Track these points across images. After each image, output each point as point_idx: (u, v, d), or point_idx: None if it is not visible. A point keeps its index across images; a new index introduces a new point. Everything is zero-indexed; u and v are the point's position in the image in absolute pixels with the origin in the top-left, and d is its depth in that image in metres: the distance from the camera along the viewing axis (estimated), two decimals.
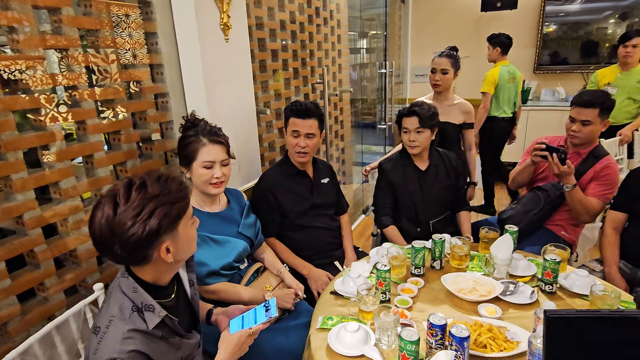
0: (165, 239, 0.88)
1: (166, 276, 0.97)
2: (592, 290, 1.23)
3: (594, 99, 1.79)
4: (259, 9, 2.08)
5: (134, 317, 0.88)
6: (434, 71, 2.30)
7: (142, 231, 0.83)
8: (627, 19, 4.08)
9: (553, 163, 1.74)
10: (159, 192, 0.87)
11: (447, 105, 2.34)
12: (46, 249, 1.24)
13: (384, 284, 1.32)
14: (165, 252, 0.89)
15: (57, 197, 1.29)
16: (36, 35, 1.17)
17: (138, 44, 1.52)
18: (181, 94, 1.67)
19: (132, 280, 0.91)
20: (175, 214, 0.89)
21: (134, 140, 1.51)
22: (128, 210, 0.83)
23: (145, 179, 0.88)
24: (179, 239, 0.91)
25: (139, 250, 0.86)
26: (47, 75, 1.22)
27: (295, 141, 1.71)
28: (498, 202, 4.10)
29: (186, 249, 0.96)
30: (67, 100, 1.33)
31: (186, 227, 0.93)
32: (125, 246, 0.84)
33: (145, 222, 0.83)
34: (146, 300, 0.90)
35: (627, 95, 3.09)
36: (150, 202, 0.85)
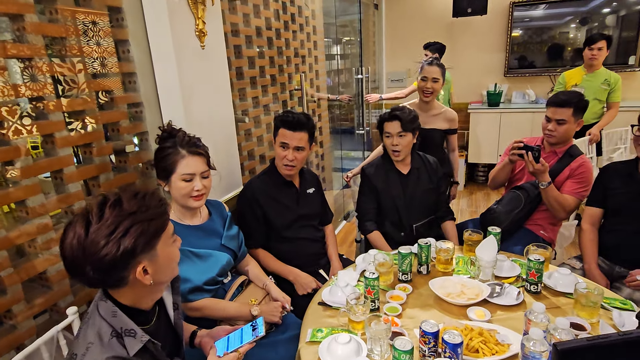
0: (142, 259, 0.83)
1: (146, 300, 0.91)
2: (576, 288, 1.24)
3: (569, 98, 1.85)
4: (234, 15, 2.04)
5: (113, 343, 0.82)
6: (424, 79, 2.32)
7: (116, 250, 0.77)
8: (587, 23, 4.27)
9: (528, 161, 1.78)
10: (136, 209, 0.81)
11: (433, 115, 2.40)
12: (13, 273, 1.15)
13: (372, 292, 1.30)
14: (142, 274, 0.83)
15: (24, 216, 1.20)
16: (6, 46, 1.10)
17: (108, 52, 1.45)
18: (156, 104, 1.61)
19: (110, 304, 0.85)
20: (153, 232, 0.83)
21: (106, 153, 1.44)
22: (101, 229, 0.78)
23: (121, 196, 0.83)
24: (158, 259, 0.86)
25: (114, 271, 0.80)
26: (8, 87, 1.15)
27: (284, 153, 1.66)
28: (477, 203, 4.19)
29: (166, 270, 0.90)
30: (31, 112, 1.25)
31: (166, 247, 0.88)
32: (98, 267, 0.78)
33: (119, 241, 0.78)
34: (126, 325, 0.84)
35: (593, 96, 3.22)
36: (125, 219, 0.79)
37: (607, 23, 4.22)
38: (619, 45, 4.20)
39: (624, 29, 4.17)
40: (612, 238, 1.71)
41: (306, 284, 1.67)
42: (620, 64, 4.18)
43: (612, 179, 1.74)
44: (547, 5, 4.31)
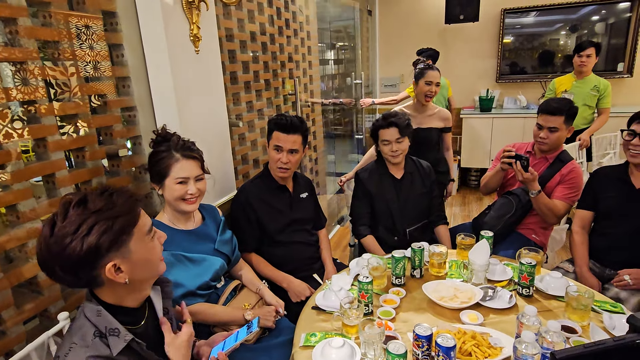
0: (112, 257, 0.81)
1: (129, 299, 0.90)
2: (567, 291, 1.26)
3: (560, 106, 1.87)
4: (228, 20, 2.05)
5: (96, 343, 0.82)
6: (429, 83, 2.41)
7: (79, 249, 0.77)
8: (577, 31, 4.35)
9: (517, 170, 1.81)
10: (101, 206, 0.80)
11: (429, 115, 2.49)
12: (3, 278, 1.14)
13: (366, 296, 1.31)
14: (113, 272, 0.82)
15: (14, 220, 1.19)
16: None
17: (101, 56, 1.45)
18: (150, 108, 1.61)
19: (95, 304, 0.85)
20: (119, 228, 0.81)
21: (99, 157, 1.43)
22: (65, 228, 0.78)
23: (87, 195, 0.82)
24: (132, 256, 0.84)
25: (82, 270, 0.80)
26: (11, 90, 1.14)
27: (278, 156, 1.67)
28: (470, 208, 4.22)
29: (145, 268, 0.88)
30: (22, 115, 1.24)
31: (141, 243, 0.86)
32: (65, 266, 0.78)
33: (82, 239, 0.77)
34: (110, 324, 0.84)
35: (583, 102, 3.27)
36: (89, 217, 0.79)
37: (597, 30, 4.30)
38: (608, 52, 4.27)
39: (612, 36, 4.25)
40: (602, 241, 1.73)
41: (300, 292, 1.66)
42: (609, 71, 4.26)
43: (602, 183, 1.77)
44: (537, 13, 4.38)
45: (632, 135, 1.61)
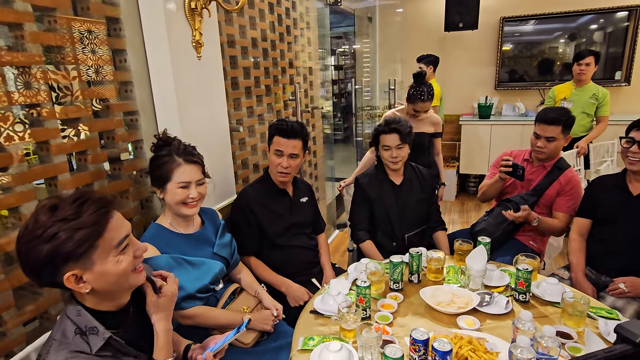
0: (72, 266, 0.82)
1: (105, 305, 0.91)
2: (563, 297, 1.27)
3: (558, 116, 1.89)
4: (230, 27, 2.08)
5: (77, 340, 0.84)
6: (417, 111, 2.54)
7: (39, 253, 0.79)
8: (575, 39, 4.39)
9: (513, 216, 1.88)
10: (66, 216, 0.81)
11: (420, 120, 2.56)
12: (4, 279, 1.15)
13: (364, 301, 1.32)
14: (72, 282, 0.83)
15: (17, 223, 1.21)
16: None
17: (105, 60, 1.47)
18: (152, 112, 1.63)
19: (75, 304, 0.88)
20: (78, 240, 0.80)
21: (101, 160, 1.45)
22: (33, 232, 0.80)
23: (59, 202, 0.83)
24: (95, 268, 0.84)
25: (43, 273, 0.82)
26: (3, 93, 1.16)
27: (278, 161, 1.69)
28: (468, 214, 4.23)
29: (110, 280, 0.87)
30: (26, 119, 1.26)
31: (105, 256, 0.85)
32: (28, 267, 0.82)
33: (41, 246, 0.79)
34: (90, 323, 0.86)
35: (582, 110, 3.30)
36: (53, 225, 0.80)
37: (595, 39, 4.35)
38: (606, 60, 4.31)
39: (610, 45, 4.29)
40: (599, 248, 1.75)
41: (298, 297, 1.67)
42: (607, 79, 4.29)
43: (601, 191, 1.78)
44: (536, 21, 4.43)
45: (631, 143, 1.63)
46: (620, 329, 0.67)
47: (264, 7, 2.38)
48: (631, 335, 0.65)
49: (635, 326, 0.66)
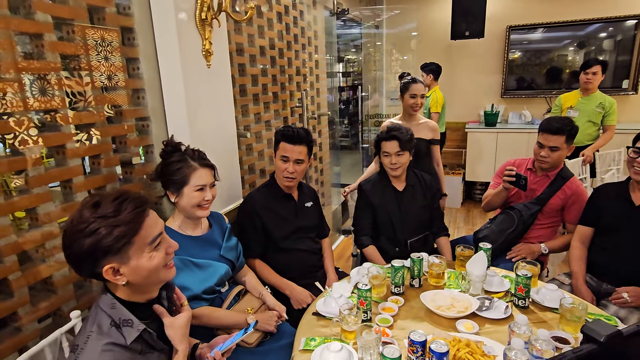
0: (111, 260, 0.88)
1: (137, 297, 0.96)
2: (562, 303, 1.29)
3: (562, 126, 1.91)
4: (239, 36, 2.14)
5: (112, 332, 0.89)
6: (414, 96, 2.48)
7: (80, 247, 0.85)
8: (584, 47, 4.39)
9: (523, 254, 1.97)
10: (107, 213, 0.87)
11: (416, 125, 2.54)
12: (20, 277, 1.21)
13: (365, 303, 1.35)
14: (110, 274, 0.88)
15: (33, 223, 1.26)
16: (19, 61, 1.18)
17: (119, 68, 1.53)
18: (162, 118, 1.69)
19: (110, 297, 0.92)
20: (116, 236, 0.87)
21: (113, 164, 1.51)
22: (76, 226, 0.86)
23: (102, 199, 0.89)
24: (131, 262, 0.90)
25: (83, 265, 0.88)
26: (28, 100, 1.22)
27: (284, 166, 1.74)
28: (474, 221, 4.24)
29: (144, 274, 0.93)
30: (43, 124, 1.32)
31: (140, 252, 0.91)
32: (71, 257, 0.87)
33: (83, 240, 0.85)
34: (124, 316, 0.90)
35: (588, 119, 3.30)
36: (94, 221, 0.86)
37: (605, 47, 4.34)
38: (616, 68, 4.30)
39: (620, 53, 4.28)
40: (601, 256, 1.76)
41: (301, 299, 1.71)
42: (614, 88, 4.29)
43: (604, 200, 1.79)
44: (545, 29, 4.44)
45: (637, 153, 1.64)
46: (586, 329, 0.71)
47: (272, 17, 2.45)
48: (596, 335, 0.69)
49: (600, 326, 0.70)
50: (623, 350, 0.71)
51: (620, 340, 0.69)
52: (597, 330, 0.69)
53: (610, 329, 0.69)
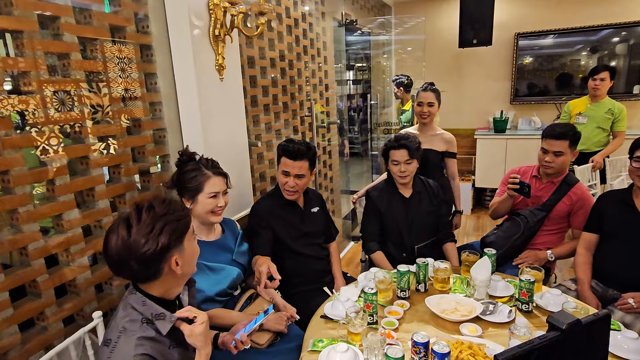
0: (174, 252, 0.98)
1: (174, 290, 1.06)
2: (564, 307, 1.32)
3: (565, 131, 1.94)
4: (250, 49, 2.23)
5: (144, 328, 0.96)
6: (420, 104, 2.47)
7: (155, 246, 0.93)
8: (598, 52, 4.38)
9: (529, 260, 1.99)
10: (166, 211, 0.98)
11: (431, 135, 2.51)
12: (47, 279, 1.29)
13: (371, 307, 1.40)
14: (175, 265, 0.99)
15: (60, 229, 1.35)
16: (49, 78, 1.28)
17: (138, 83, 1.63)
18: (178, 129, 1.78)
19: (140, 295, 1.00)
20: (181, 229, 1.00)
21: (133, 173, 1.60)
22: (141, 229, 0.94)
23: (152, 202, 0.99)
24: (185, 252, 1.02)
25: (153, 263, 0.96)
26: (56, 114, 1.32)
27: (285, 180, 1.79)
28: (484, 227, 4.24)
29: (191, 262, 1.06)
30: (69, 136, 1.42)
31: (190, 242, 1.04)
32: (141, 261, 0.94)
33: (157, 239, 0.94)
34: (156, 310, 0.98)
35: (597, 125, 3.30)
36: (159, 220, 0.96)
37: (618, 52, 4.31)
38: (629, 73, 4.27)
39: (633, 57, 4.26)
40: (606, 262, 1.77)
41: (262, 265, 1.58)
42: (626, 93, 4.26)
43: (607, 206, 1.81)
44: (556, 35, 4.44)
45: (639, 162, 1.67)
46: (550, 319, 0.80)
47: (282, 30, 2.54)
48: (558, 323, 0.77)
49: (562, 316, 0.79)
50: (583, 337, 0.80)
51: (579, 328, 0.77)
52: (560, 319, 0.78)
53: (571, 318, 0.78)
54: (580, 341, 0.80)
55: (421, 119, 2.51)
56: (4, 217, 1.23)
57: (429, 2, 4.89)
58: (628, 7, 4.15)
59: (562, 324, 0.76)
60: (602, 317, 0.83)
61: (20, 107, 1.24)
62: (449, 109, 4.89)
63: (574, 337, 0.78)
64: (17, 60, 1.22)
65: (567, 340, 0.77)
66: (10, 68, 1.21)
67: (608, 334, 0.90)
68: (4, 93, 1.18)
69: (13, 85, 1.34)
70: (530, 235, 2.07)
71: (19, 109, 1.24)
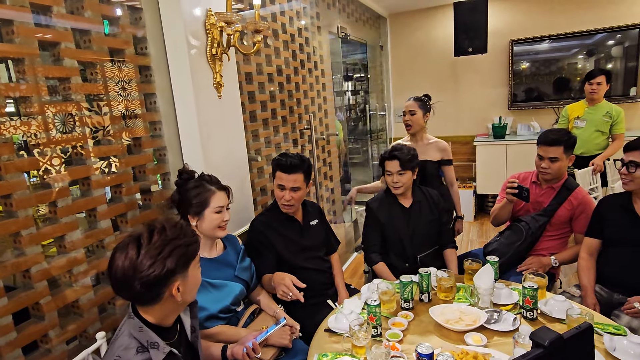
0: (178, 278, 0.99)
1: (171, 317, 1.05)
2: (568, 314, 1.31)
3: (559, 137, 1.95)
4: (248, 65, 2.26)
5: (137, 357, 0.95)
6: (403, 114, 2.52)
7: (160, 270, 0.94)
8: (594, 55, 4.41)
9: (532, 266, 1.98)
10: (176, 235, 0.98)
11: (424, 145, 2.52)
12: (50, 301, 1.30)
13: (374, 319, 1.39)
14: (176, 291, 0.98)
15: (62, 250, 1.36)
16: (51, 102, 1.30)
17: (138, 103, 1.66)
18: (178, 147, 1.80)
19: (137, 321, 0.99)
20: (189, 256, 1.01)
21: (134, 192, 1.61)
22: (150, 250, 0.95)
23: (165, 224, 1.00)
24: (189, 279, 1.02)
25: (156, 287, 0.96)
26: (57, 136, 1.34)
27: (281, 194, 1.80)
28: (487, 234, 4.22)
29: (193, 290, 1.06)
30: (72, 158, 1.44)
31: (195, 269, 1.04)
32: (145, 283, 0.94)
33: (164, 262, 0.95)
34: (151, 338, 0.97)
35: (596, 128, 3.31)
36: (169, 244, 0.97)
37: (613, 54, 4.34)
38: (625, 76, 4.29)
39: (628, 59, 4.28)
40: (609, 267, 1.76)
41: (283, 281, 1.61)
42: (623, 95, 4.28)
43: (608, 211, 1.81)
44: (551, 40, 4.48)
45: (622, 165, 1.68)
46: (533, 335, 0.80)
47: (279, 45, 2.58)
48: (541, 340, 0.77)
49: (544, 332, 0.79)
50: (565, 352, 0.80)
51: (561, 343, 0.77)
52: (542, 335, 0.78)
53: (553, 334, 0.78)
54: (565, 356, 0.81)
55: (406, 129, 2.54)
56: (7, 240, 1.24)
57: (424, 13, 4.96)
58: (620, 11, 4.20)
59: (544, 341, 0.76)
60: (584, 331, 0.83)
61: (22, 130, 1.27)
62: (448, 117, 4.93)
63: (558, 352, 0.77)
64: (18, 85, 1.24)
65: (551, 356, 0.77)
66: (12, 92, 1.24)
67: (592, 347, 0.90)
68: (5, 116, 1.21)
69: (15, 108, 1.37)
70: (532, 242, 2.07)
71: (21, 132, 1.26)
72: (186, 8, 1.66)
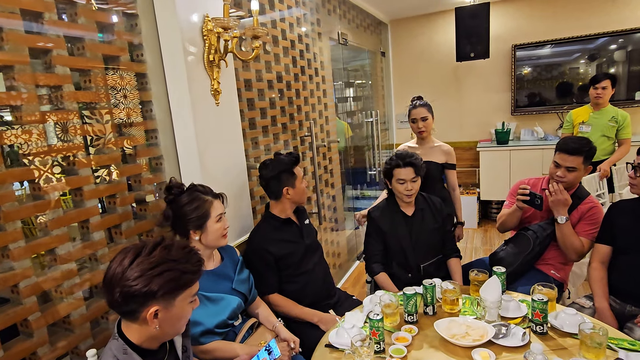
0: (158, 303, 0.91)
1: (153, 342, 0.99)
2: (581, 329, 1.25)
3: (581, 146, 1.85)
4: (247, 72, 2.23)
5: None
6: (414, 121, 2.46)
7: (142, 286, 0.88)
8: (596, 59, 4.37)
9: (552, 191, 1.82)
10: (177, 258, 0.92)
11: (430, 147, 2.50)
12: (40, 317, 1.25)
13: (377, 334, 1.33)
14: (151, 316, 0.91)
15: (52, 264, 1.31)
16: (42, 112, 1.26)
17: (133, 111, 1.62)
18: (174, 156, 1.75)
19: (122, 342, 0.94)
20: (180, 284, 0.93)
21: (128, 202, 1.56)
22: (143, 264, 0.89)
23: (174, 243, 0.95)
24: (172, 309, 0.94)
25: (132, 302, 0.90)
26: (47, 147, 1.30)
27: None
28: (492, 241, 4.15)
29: (175, 324, 0.98)
30: (65, 168, 1.39)
31: (183, 302, 0.96)
32: (124, 293, 0.89)
33: (150, 279, 0.89)
34: None
35: (602, 133, 3.26)
36: (164, 263, 0.91)
37: (616, 58, 4.30)
38: (629, 79, 4.24)
39: (632, 64, 4.24)
40: (621, 276, 1.70)
41: (329, 323, 1.70)
42: (627, 100, 4.23)
43: (619, 217, 1.75)
44: (553, 45, 4.44)
45: (632, 168, 1.63)
46: None
47: (279, 52, 2.54)
48: None
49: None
50: None
51: None
52: None
53: None
54: None
55: (419, 135, 2.50)
56: None
57: (425, 18, 4.93)
58: (623, 15, 4.16)
59: None
60: None
61: (11, 140, 1.23)
62: (451, 122, 4.88)
63: None
64: (9, 94, 1.21)
65: None
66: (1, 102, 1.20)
67: None
68: None
69: (3, 118, 1.33)
70: (540, 251, 2.01)
71: (11, 142, 1.22)
72: (183, 14, 1.62)
